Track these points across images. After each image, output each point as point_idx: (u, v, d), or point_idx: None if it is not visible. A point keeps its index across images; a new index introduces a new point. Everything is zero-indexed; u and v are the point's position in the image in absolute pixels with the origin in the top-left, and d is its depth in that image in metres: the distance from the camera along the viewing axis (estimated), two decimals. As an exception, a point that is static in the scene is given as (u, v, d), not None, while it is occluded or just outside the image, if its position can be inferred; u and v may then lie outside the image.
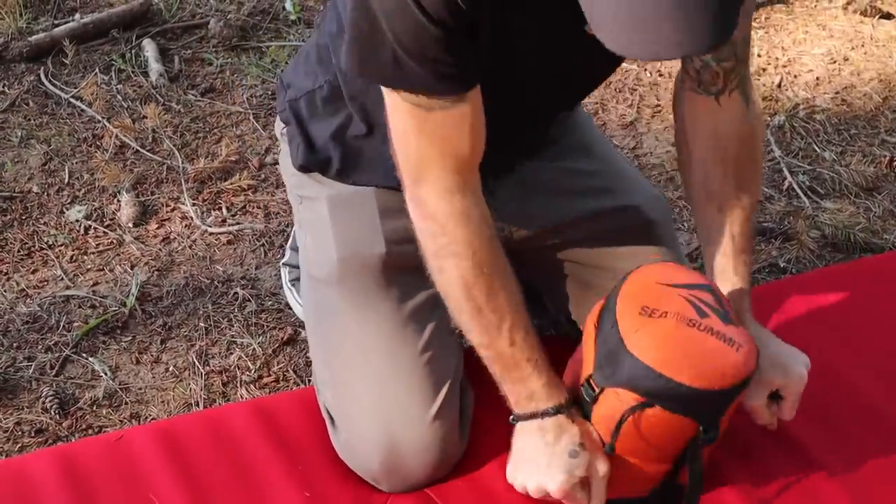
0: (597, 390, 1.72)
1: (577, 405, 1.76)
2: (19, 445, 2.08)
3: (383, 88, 1.64)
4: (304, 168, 2.00)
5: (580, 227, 2.01)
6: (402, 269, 1.89)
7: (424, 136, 1.64)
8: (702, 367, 1.65)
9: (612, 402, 1.70)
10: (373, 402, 1.87)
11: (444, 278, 1.73)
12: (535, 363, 1.74)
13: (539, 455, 1.75)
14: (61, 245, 2.56)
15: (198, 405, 2.16)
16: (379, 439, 1.86)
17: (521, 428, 1.79)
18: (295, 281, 2.32)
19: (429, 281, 1.85)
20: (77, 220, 2.63)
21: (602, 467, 1.75)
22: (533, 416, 1.76)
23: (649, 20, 1.28)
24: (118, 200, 2.67)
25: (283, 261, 2.40)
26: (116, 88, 3.05)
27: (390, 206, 1.89)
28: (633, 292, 1.72)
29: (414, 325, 1.90)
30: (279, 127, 2.07)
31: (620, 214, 2.03)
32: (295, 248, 2.37)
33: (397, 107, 1.63)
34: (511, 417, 1.79)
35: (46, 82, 3.07)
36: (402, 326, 1.90)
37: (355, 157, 1.93)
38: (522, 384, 1.75)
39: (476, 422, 1.96)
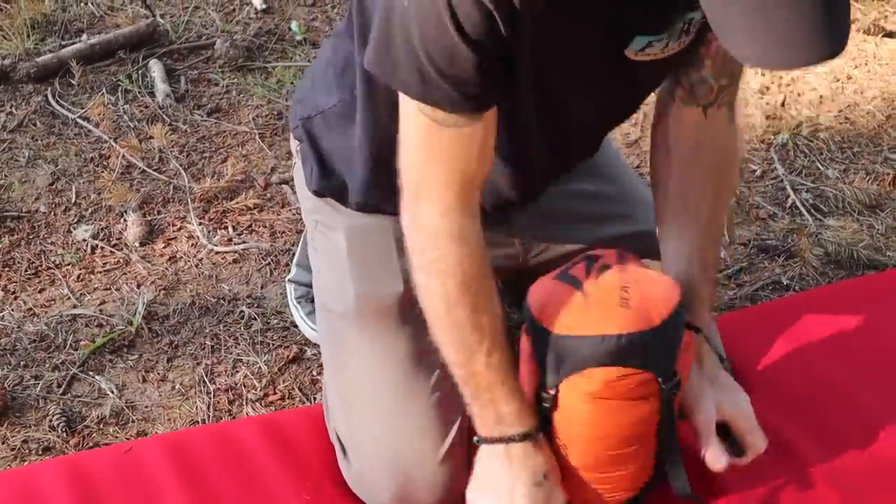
0: (552, 392, 1.69)
1: (543, 429, 1.73)
2: (26, 463, 2.09)
3: (400, 96, 1.59)
4: (319, 193, 1.98)
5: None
6: (418, 304, 1.89)
7: (432, 152, 1.61)
8: (628, 312, 1.64)
9: (569, 393, 1.68)
10: (385, 440, 1.87)
11: (427, 293, 1.69)
12: (509, 388, 1.70)
13: (502, 483, 1.73)
14: (68, 264, 2.57)
15: (204, 423, 2.17)
16: (391, 477, 1.87)
17: (485, 451, 1.75)
18: (301, 298, 2.33)
19: None
20: (84, 240, 2.64)
21: (559, 501, 1.74)
22: (499, 440, 1.72)
23: (771, 35, 1.27)
24: (125, 220, 2.68)
25: (288, 277, 2.40)
26: (123, 109, 3.07)
27: None
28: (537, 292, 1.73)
29: (427, 362, 1.87)
30: (293, 143, 2.04)
31: (636, 240, 1.98)
32: (301, 265, 2.37)
33: (410, 116, 1.59)
34: (475, 439, 1.75)
35: (54, 103, 3.09)
36: (415, 364, 1.89)
37: None
38: (492, 407, 1.71)
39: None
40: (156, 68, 3.19)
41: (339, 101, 1.89)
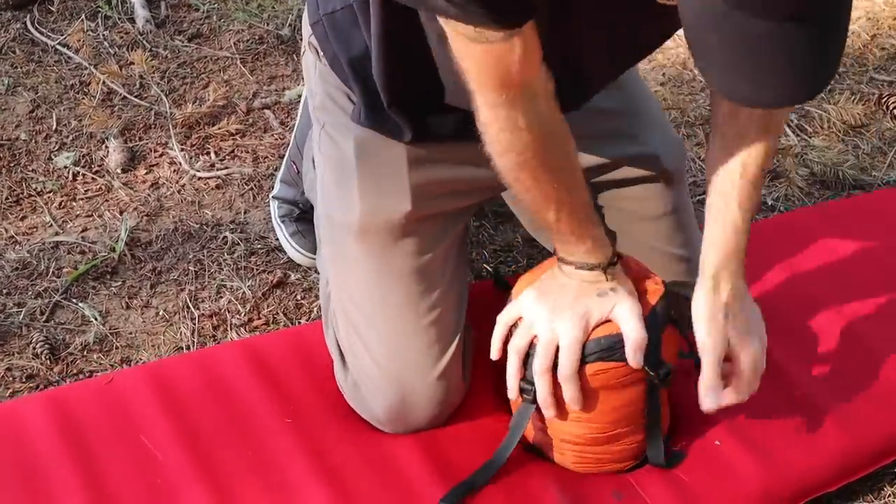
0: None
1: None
2: (10, 391, 2.08)
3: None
4: (329, 93, 1.90)
5: (600, 170, 1.98)
6: (425, 219, 1.86)
7: (468, 57, 1.53)
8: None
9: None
10: (384, 357, 1.87)
11: (495, 162, 1.65)
12: (577, 235, 1.69)
13: (566, 292, 1.72)
14: (50, 192, 2.56)
15: (188, 349, 2.16)
16: (387, 391, 1.87)
17: (562, 266, 1.74)
18: (285, 217, 2.31)
19: (447, 231, 1.86)
20: (65, 167, 2.62)
21: (627, 304, 1.70)
22: (569, 262, 1.72)
23: (759, 73, 1.26)
24: (106, 146, 2.67)
25: (272, 194, 2.38)
26: (103, 35, 3.04)
27: (421, 156, 1.84)
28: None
29: (430, 280, 1.88)
30: (306, 32, 1.92)
31: (640, 161, 1.99)
32: (285, 181, 2.35)
33: (447, 28, 1.51)
34: (558, 256, 1.74)
35: (33, 30, 3.06)
36: (417, 282, 1.88)
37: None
38: (563, 243, 1.71)
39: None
40: (135, -6, 3.16)
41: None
